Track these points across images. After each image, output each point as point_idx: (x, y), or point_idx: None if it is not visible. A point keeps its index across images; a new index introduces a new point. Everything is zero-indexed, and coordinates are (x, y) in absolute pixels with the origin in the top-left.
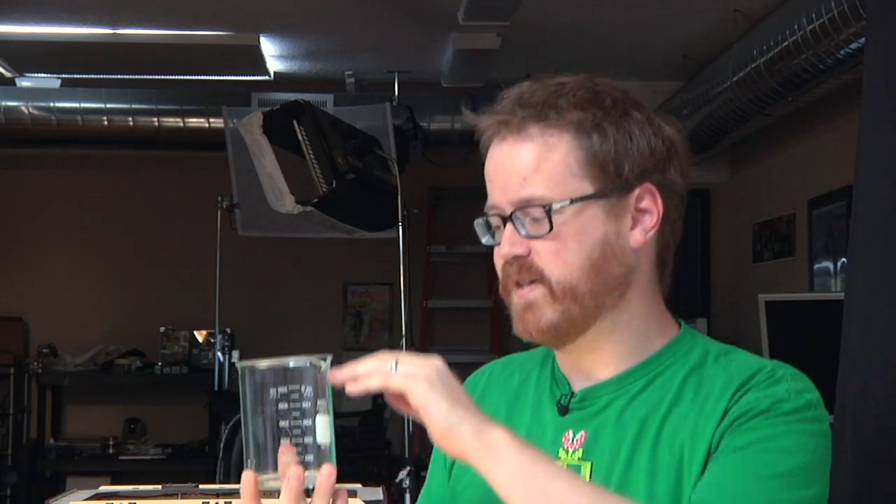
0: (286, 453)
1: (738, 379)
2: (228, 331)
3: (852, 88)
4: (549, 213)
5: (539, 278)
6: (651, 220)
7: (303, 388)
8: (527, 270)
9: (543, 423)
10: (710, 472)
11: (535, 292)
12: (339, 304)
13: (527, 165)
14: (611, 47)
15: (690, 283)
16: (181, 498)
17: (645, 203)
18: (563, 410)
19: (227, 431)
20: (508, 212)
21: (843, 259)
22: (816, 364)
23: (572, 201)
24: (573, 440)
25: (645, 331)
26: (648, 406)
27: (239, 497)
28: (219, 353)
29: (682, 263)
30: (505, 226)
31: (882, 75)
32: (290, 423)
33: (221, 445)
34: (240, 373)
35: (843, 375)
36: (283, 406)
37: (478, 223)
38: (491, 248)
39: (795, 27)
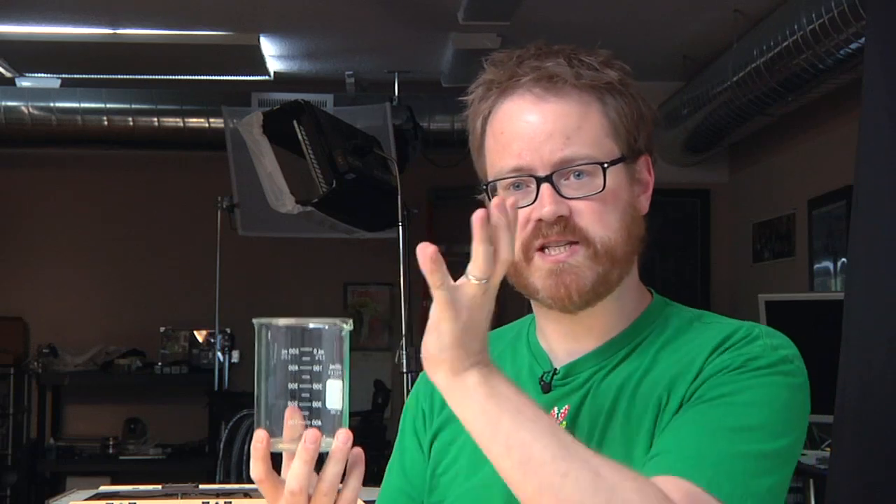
0: (293, 416)
1: (716, 339)
2: (228, 331)
3: (852, 88)
4: (604, 171)
5: (582, 239)
6: (648, 190)
7: (316, 351)
8: (571, 231)
9: None
10: (672, 422)
11: (575, 256)
12: (339, 304)
13: (570, 124)
14: (611, 47)
15: (690, 283)
16: (181, 498)
17: (643, 174)
18: (547, 388)
19: (227, 431)
20: (545, 172)
21: (843, 259)
22: (816, 364)
23: (614, 162)
24: (557, 416)
25: (634, 300)
26: (624, 376)
27: (239, 497)
28: (219, 353)
29: (682, 263)
30: (538, 187)
31: (882, 75)
32: (299, 385)
33: (221, 445)
34: (256, 330)
35: (843, 375)
36: (293, 368)
37: (490, 188)
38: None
39: (795, 27)
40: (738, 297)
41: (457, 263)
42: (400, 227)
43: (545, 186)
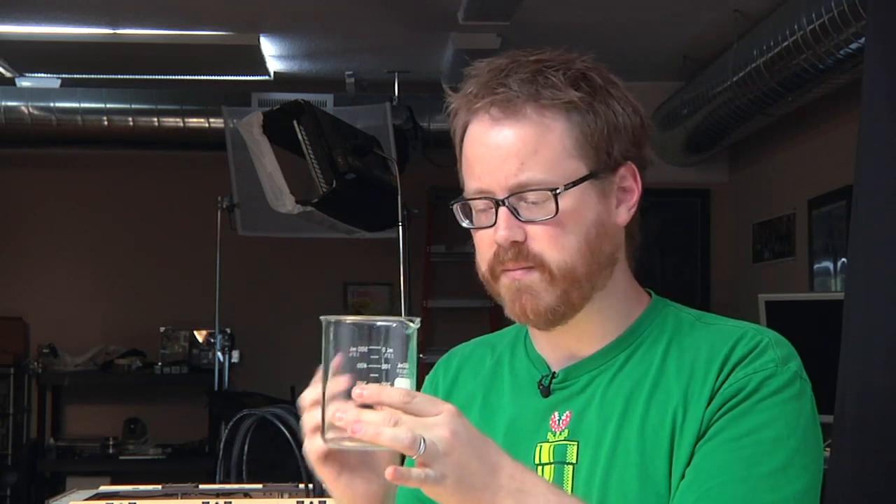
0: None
1: (722, 348)
2: (228, 331)
3: (852, 88)
4: (555, 196)
5: (537, 265)
6: (633, 199)
7: (384, 349)
8: (524, 257)
9: (526, 406)
10: (702, 464)
11: (530, 276)
12: (339, 304)
13: (524, 148)
14: (611, 47)
15: (690, 283)
16: (181, 498)
17: (627, 182)
18: (546, 392)
19: (227, 431)
20: (502, 196)
21: (843, 259)
22: (816, 364)
23: (574, 184)
24: (559, 421)
25: (625, 305)
26: (632, 381)
27: (239, 497)
28: (219, 353)
29: (683, 263)
30: (497, 210)
31: (882, 75)
32: (367, 384)
33: (221, 445)
34: (323, 327)
35: (843, 375)
36: (361, 365)
37: (456, 207)
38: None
39: (795, 27)
40: (738, 297)
41: (457, 263)
42: (400, 227)
43: (502, 210)
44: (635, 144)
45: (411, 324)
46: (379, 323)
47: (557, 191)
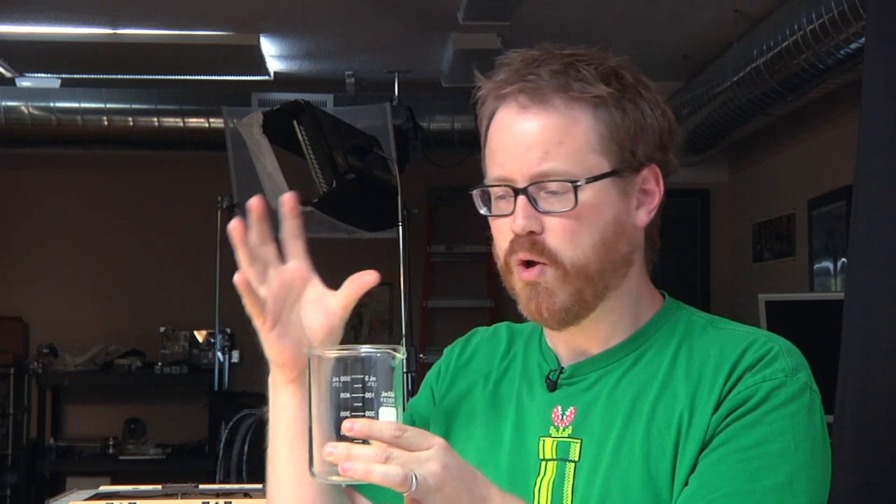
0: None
1: (732, 354)
2: (228, 331)
3: (852, 88)
4: (575, 189)
5: (551, 260)
6: (653, 201)
7: (366, 378)
8: (539, 251)
9: (532, 398)
10: (707, 473)
11: (545, 275)
12: None
13: (550, 138)
14: (611, 47)
15: (690, 283)
16: (181, 498)
17: (650, 184)
18: (552, 386)
19: (227, 431)
20: (523, 185)
21: (843, 259)
22: (816, 364)
23: (595, 179)
24: (563, 416)
25: (637, 306)
26: (640, 382)
27: (239, 497)
28: (219, 353)
29: (682, 263)
30: (516, 198)
31: (882, 75)
32: (350, 414)
33: (221, 445)
34: (309, 360)
35: (843, 375)
36: (344, 396)
37: (475, 193)
38: (486, 220)
39: (795, 27)
40: (738, 297)
41: (457, 263)
42: (400, 227)
43: (521, 199)
44: (661, 148)
45: (397, 354)
46: (363, 353)
47: (578, 183)
